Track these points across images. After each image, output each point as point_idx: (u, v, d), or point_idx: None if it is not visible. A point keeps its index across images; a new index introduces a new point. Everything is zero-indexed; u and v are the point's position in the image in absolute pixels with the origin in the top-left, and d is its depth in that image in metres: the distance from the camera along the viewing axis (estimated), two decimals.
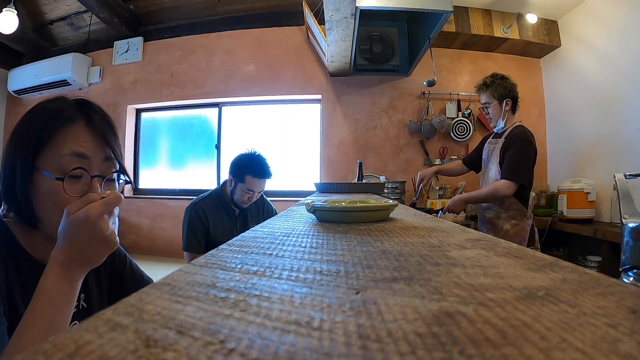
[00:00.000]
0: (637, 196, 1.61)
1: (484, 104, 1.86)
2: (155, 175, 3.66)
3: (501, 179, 1.70)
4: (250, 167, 1.60)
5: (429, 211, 1.85)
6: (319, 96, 3.27)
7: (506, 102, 1.78)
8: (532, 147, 1.71)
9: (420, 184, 2.12)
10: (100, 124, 0.59)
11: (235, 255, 0.29)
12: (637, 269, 1.51)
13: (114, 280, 0.74)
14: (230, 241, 0.35)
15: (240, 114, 3.52)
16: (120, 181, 0.64)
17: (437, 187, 2.99)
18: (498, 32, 2.93)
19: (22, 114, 0.59)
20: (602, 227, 2.22)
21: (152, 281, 0.74)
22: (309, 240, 0.37)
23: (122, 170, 0.63)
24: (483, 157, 1.94)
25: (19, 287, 0.55)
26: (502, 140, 1.79)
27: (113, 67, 3.64)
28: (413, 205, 2.18)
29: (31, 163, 0.54)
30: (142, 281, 0.78)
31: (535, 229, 1.83)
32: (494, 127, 1.90)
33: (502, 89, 1.78)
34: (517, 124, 1.81)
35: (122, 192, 0.62)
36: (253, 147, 1.70)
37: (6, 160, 0.56)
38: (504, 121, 1.81)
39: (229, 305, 0.17)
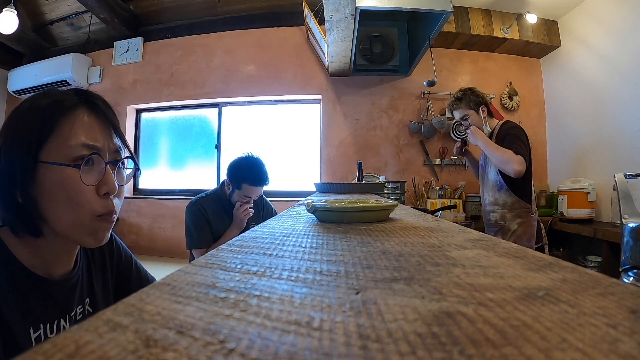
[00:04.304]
0: (637, 196, 1.61)
1: (462, 117, 1.88)
2: (155, 175, 3.66)
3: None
4: (247, 174, 1.59)
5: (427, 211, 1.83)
6: (319, 96, 3.27)
7: (482, 109, 1.84)
8: (526, 135, 1.74)
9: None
10: (105, 111, 0.57)
11: (235, 256, 0.29)
12: (637, 269, 1.51)
13: (120, 282, 0.74)
14: (230, 241, 0.35)
15: (240, 114, 3.52)
16: (129, 170, 0.61)
17: (437, 187, 2.99)
18: (498, 32, 2.93)
19: None
20: (602, 227, 2.22)
21: (155, 280, 0.75)
22: (309, 240, 0.37)
23: (132, 157, 0.61)
24: (480, 163, 1.96)
25: (15, 301, 0.51)
26: (493, 140, 1.81)
27: (113, 68, 3.64)
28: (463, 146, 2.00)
29: (34, 158, 0.50)
30: (147, 282, 0.79)
31: (542, 224, 1.84)
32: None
33: (475, 98, 1.84)
34: (503, 121, 1.84)
35: (133, 179, 0.62)
36: (250, 151, 1.69)
37: (2, 162, 0.51)
38: (488, 126, 1.86)
39: (229, 306, 0.17)
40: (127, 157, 0.60)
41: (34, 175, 0.50)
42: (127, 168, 0.61)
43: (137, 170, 0.63)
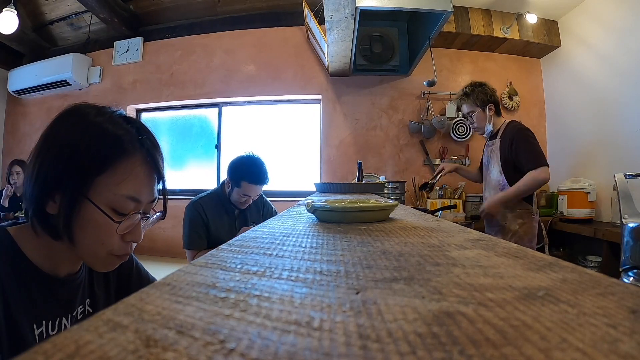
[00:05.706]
0: (637, 196, 1.61)
1: (468, 113, 1.88)
2: None
3: (532, 169, 1.64)
4: (246, 173, 1.59)
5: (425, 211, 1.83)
6: (319, 96, 3.27)
7: (489, 107, 1.82)
8: (533, 135, 1.74)
9: (439, 173, 2.05)
10: (157, 163, 0.58)
11: (235, 256, 0.29)
12: (637, 269, 1.51)
13: (121, 282, 0.74)
14: (230, 241, 0.35)
15: (240, 114, 3.52)
16: (156, 215, 0.63)
17: (437, 187, 2.99)
18: (498, 32, 2.93)
19: (22, 113, 0.55)
20: (602, 227, 2.22)
21: (156, 280, 0.74)
22: (309, 240, 0.37)
23: (165, 208, 0.65)
24: (483, 161, 1.95)
25: (20, 298, 0.52)
26: (498, 140, 1.80)
27: (113, 67, 3.63)
28: (424, 186, 2.14)
29: (82, 191, 0.51)
30: (148, 282, 0.79)
31: (542, 224, 1.84)
32: (482, 133, 1.92)
33: (483, 96, 1.81)
34: (508, 121, 1.83)
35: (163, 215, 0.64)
36: (251, 150, 1.69)
37: (49, 170, 0.51)
38: (491, 125, 1.85)
39: (229, 306, 0.17)
40: (160, 211, 0.63)
41: (78, 205, 0.52)
42: (155, 212, 0.63)
43: (162, 218, 0.65)
